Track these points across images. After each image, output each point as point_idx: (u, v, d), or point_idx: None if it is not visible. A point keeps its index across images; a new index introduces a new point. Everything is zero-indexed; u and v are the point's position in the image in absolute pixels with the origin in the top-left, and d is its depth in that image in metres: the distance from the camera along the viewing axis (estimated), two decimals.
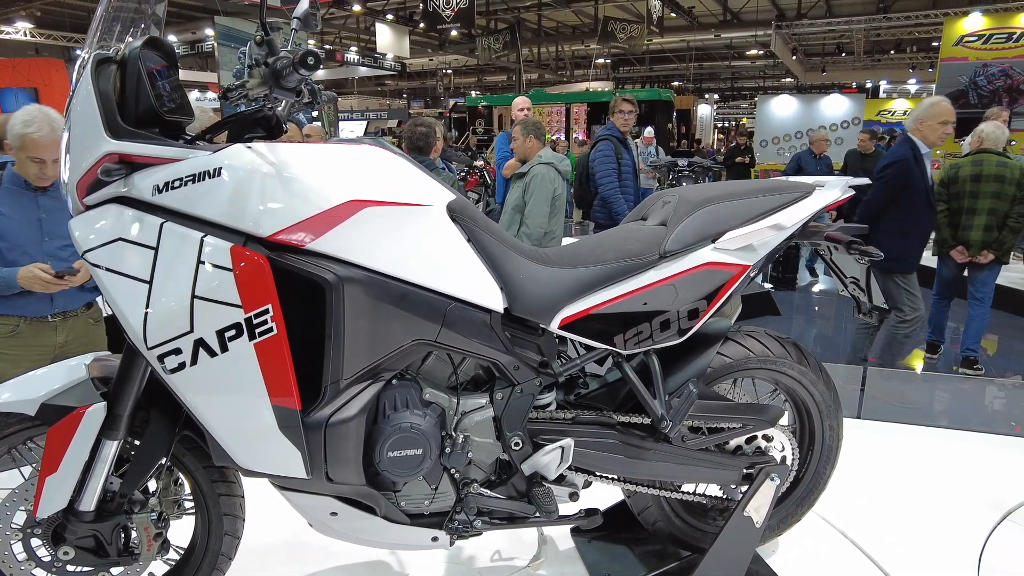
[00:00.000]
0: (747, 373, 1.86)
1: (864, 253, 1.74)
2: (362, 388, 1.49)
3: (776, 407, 1.83)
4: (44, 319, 2.56)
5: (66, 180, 1.37)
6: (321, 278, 1.37)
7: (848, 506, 2.34)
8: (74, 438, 1.46)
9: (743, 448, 1.87)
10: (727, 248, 1.63)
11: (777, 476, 1.79)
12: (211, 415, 1.38)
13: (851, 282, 1.92)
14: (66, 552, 1.55)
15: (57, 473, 1.48)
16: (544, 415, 1.69)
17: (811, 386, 1.89)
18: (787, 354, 1.84)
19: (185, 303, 1.30)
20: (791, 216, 1.65)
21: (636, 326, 1.65)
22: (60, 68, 11.99)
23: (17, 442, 1.57)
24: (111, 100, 1.33)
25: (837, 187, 1.72)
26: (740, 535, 1.81)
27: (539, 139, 4.27)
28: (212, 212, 1.32)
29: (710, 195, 1.69)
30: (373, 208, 1.42)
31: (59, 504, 1.51)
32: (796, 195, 1.68)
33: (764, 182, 1.77)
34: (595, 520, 1.81)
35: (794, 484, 1.99)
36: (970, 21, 11.78)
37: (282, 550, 2.07)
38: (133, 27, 1.51)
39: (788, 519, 2.00)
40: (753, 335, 1.86)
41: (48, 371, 1.55)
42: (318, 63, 1.29)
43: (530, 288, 1.60)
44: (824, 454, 1.96)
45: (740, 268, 1.65)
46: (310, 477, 1.45)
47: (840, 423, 1.95)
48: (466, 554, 2.06)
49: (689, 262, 1.63)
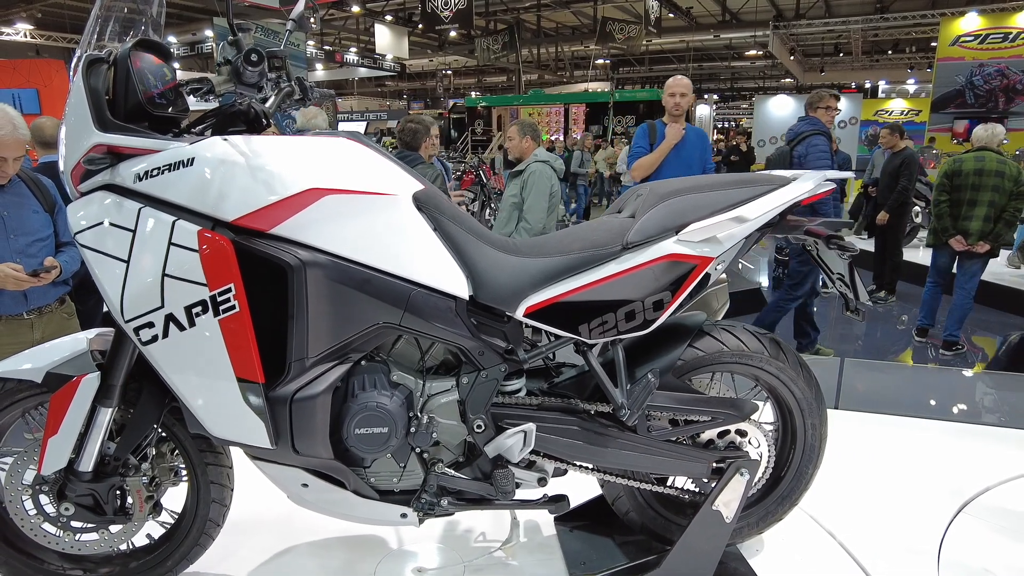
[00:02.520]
0: (722, 367, 1.86)
1: (842, 248, 1.71)
2: (329, 367, 1.58)
3: (749, 402, 1.81)
4: (19, 317, 2.57)
5: (63, 169, 1.52)
6: (283, 261, 1.46)
7: (824, 496, 2.29)
8: (71, 404, 1.62)
9: (715, 442, 1.86)
10: (689, 240, 1.64)
11: (747, 471, 1.78)
12: (183, 385, 1.50)
13: (837, 278, 1.88)
14: (67, 508, 1.71)
15: (58, 435, 1.63)
16: (510, 400, 1.74)
17: (790, 383, 1.86)
18: (764, 349, 1.83)
19: (157, 280, 1.42)
20: (756, 209, 1.64)
21: (601, 316, 1.67)
22: (60, 69, 12.02)
23: (29, 406, 1.74)
24: (100, 97, 1.47)
25: (811, 180, 1.70)
26: (709, 529, 1.81)
27: (535, 139, 4.42)
28: (183, 198, 1.44)
29: (676, 187, 1.70)
30: (335, 196, 1.50)
31: (59, 463, 1.66)
32: (765, 188, 1.67)
33: (737, 176, 1.77)
34: (563, 506, 1.84)
35: (775, 482, 1.97)
36: (966, 21, 11.77)
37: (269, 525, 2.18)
38: (133, 28, 1.65)
39: (768, 517, 1.97)
40: (729, 329, 1.85)
41: (54, 344, 1.71)
42: (261, 60, 1.39)
43: (495, 276, 1.65)
44: (807, 453, 1.93)
45: (703, 260, 1.65)
46: (275, 448, 1.55)
47: (823, 422, 1.92)
48: (443, 535, 2.12)
49: (651, 254, 1.64)
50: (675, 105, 4.18)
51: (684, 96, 4.19)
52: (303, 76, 1.86)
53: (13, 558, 1.80)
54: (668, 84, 4.25)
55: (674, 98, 4.20)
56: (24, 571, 1.80)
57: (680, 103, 4.19)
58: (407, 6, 18.30)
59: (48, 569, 1.82)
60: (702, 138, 4.33)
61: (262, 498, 1.95)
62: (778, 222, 1.73)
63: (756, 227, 1.66)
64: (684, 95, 4.19)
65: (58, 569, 1.83)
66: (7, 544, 1.81)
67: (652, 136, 4.25)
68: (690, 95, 4.22)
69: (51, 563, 1.83)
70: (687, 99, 4.21)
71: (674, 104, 4.19)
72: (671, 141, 4.11)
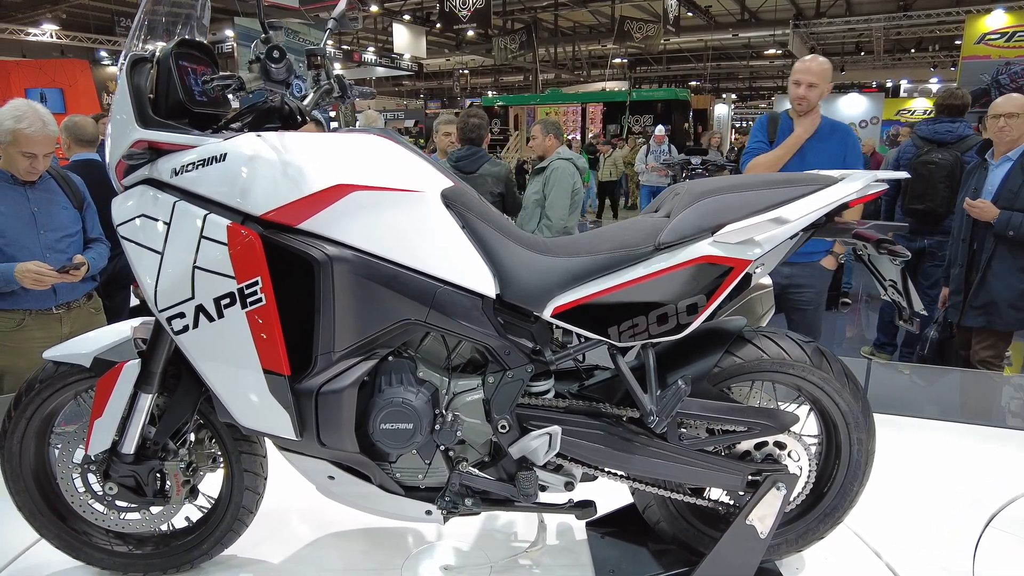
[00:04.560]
0: (762, 376, 1.77)
1: (893, 253, 1.60)
2: (355, 362, 1.59)
3: (788, 413, 1.72)
4: (48, 311, 2.62)
5: (108, 163, 1.58)
6: (311, 256, 1.48)
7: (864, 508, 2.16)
8: (115, 389, 1.69)
9: (752, 454, 1.78)
10: (726, 242, 1.57)
11: (785, 485, 1.70)
12: (212, 374, 1.54)
13: (889, 285, 1.76)
14: (111, 488, 1.79)
15: (102, 418, 1.71)
16: (536, 402, 1.71)
17: (835, 394, 1.76)
18: (806, 358, 1.73)
19: (188, 272, 1.47)
20: (798, 210, 1.55)
21: (631, 318, 1.63)
22: (85, 69, 12.22)
23: (80, 389, 1.83)
24: (143, 94, 1.53)
25: (860, 180, 1.59)
26: (742, 544, 1.73)
27: (558, 138, 4.36)
28: (214, 192, 1.48)
29: (715, 186, 1.63)
30: (362, 192, 1.51)
31: (104, 444, 1.74)
32: (809, 188, 1.59)
33: (779, 175, 1.69)
34: (590, 512, 1.80)
35: (817, 498, 1.86)
36: (992, 19, 11.19)
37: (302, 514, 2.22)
38: (181, 27, 1.71)
39: (809, 535, 1.87)
40: (770, 336, 1.76)
41: (101, 331, 1.80)
42: (283, 57, 1.41)
43: (523, 275, 1.63)
44: (852, 469, 1.82)
45: (740, 263, 1.58)
46: (300, 439, 1.58)
47: (871, 436, 1.80)
48: (471, 534, 2.11)
49: (685, 255, 1.58)
50: (800, 99, 3.12)
51: (813, 87, 3.08)
52: (342, 74, 1.88)
53: (64, 532, 1.90)
54: (795, 69, 3.17)
55: (799, 88, 3.11)
56: (73, 544, 1.90)
57: (808, 96, 3.09)
58: (425, 5, 18.43)
59: (95, 544, 1.91)
60: (843, 136, 3.25)
61: (295, 488, 1.98)
62: (824, 224, 1.64)
63: (798, 229, 1.57)
64: (813, 85, 3.08)
65: (104, 544, 1.92)
66: (59, 518, 1.91)
67: (773, 130, 3.29)
68: (823, 85, 3.10)
69: (98, 538, 1.92)
70: (817, 91, 3.10)
71: (799, 98, 3.12)
72: (800, 137, 3.13)
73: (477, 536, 2.11)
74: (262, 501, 1.92)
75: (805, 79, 3.10)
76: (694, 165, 8.86)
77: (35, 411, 1.81)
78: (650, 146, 11.32)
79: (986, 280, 3.36)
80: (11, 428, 1.82)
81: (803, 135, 3.12)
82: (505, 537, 2.11)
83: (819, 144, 3.15)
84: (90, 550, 1.90)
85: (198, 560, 1.91)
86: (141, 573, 1.91)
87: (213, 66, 1.71)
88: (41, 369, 1.81)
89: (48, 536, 1.90)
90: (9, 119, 2.42)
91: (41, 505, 1.88)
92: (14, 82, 11.76)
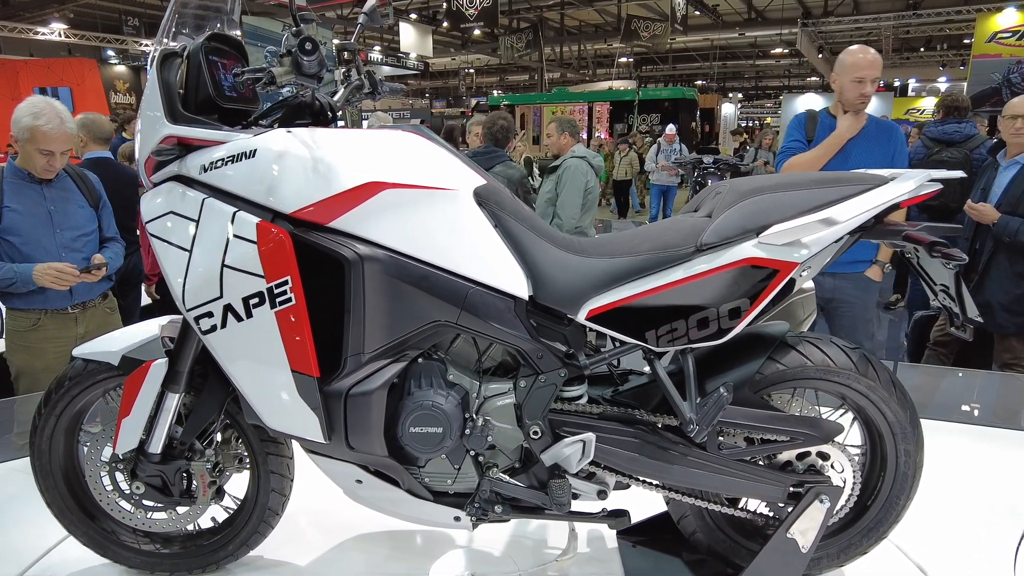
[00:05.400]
0: (805, 384, 1.70)
1: (948, 256, 1.52)
2: (385, 363, 1.55)
3: (833, 423, 1.65)
4: (64, 311, 2.61)
5: (138, 159, 1.56)
6: (341, 255, 1.44)
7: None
8: (142, 388, 1.67)
9: (793, 465, 1.71)
10: (771, 243, 1.50)
11: (828, 498, 1.63)
12: (239, 375, 1.51)
13: (941, 290, 1.68)
14: (138, 487, 1.77)
15: (130, 416, 1.70)
16: (569, 407, 1.66)
17: (881, 403, 1.68)
18: (852, 365, 1.66)
19: (216, 271, 1.44)
20: (847, 211, 1.48)
21: (670, 322, 1.56)
22: (92, 68, 12.32)
23: (109, 387, 1.82)
24: (173, 90, 1.50)
25: (913, 180, 1.51)
26: (783, 557, 1.66)
27: (573, 136, 4.30)
28: (243, 189, 1.45)
29: (759, 185, 1.56)
30: (393, 190, 1.47)
31: (131, 444, 1.73)
32: (858, 188, 1.51)
33: (827, 174, 1.61)
34: (623, 521, 1.75)
35: (860, 511, 1.79)
36: (1004, 17, 11.15)
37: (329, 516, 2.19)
38: (209, 23, 1.68)
39: (851, 549, 1.80)
40: (814, 342, 1.69)
41: (129, 330, 1.78)
42: (315, 49, 1.37)
43: (557, 276, 1.58)
44: (898, 482, 1.74)
45: (785, 266, 1.51)
46: (328, 442, 1.55)
47: (919, 448, 1.72)
48: (500, 540, 2.07)
49: (727, 257, 1.51)
50: (861, 97, 2.86)
51: (875, 82, 2.87)
52: (373, 70, 1.85)
53: (92, 529, 1.89)
54: (853, 64, 2.85)
55: (863, 85, 2.84)
56: (101, 542, 1.89)
57: (871, 93, 2.85)
58: (431, 4, 18.46)
59: (122, 542, 1.90)
60: (891, 134, 2.98)
61: (322, 490, 1.96)
62: (873, 226, 1.56)
63: (847, 231, 1.50)
64: (875, 80, 2.86)
65: (132, 543, 1.91)
66: (88, 516, 1.90)
67: (812, 128, 3.06)
68: (879, 78, 2.93)
69: (125, 537, 1.91)
70: (875, 85, 2.88)
71: (863, 96, 2.85)
72: (843, 135, 2.87)
73: (505, 542, 2.06)
74: (288, 503, 1.89)
75: (867, 74, 2.83)
76: (706, 164, 8.77)
77: (64, 408, 1.81)
78: (660, 145, 11.18)
79: (983, 282, 3.33)
80: (41, 425, 1.82)
81: (845, 134, 2.89)
82: (534, 544, 2.06)
83: (865, 143, 2.92)
84: (117, 548, 1.89)
85: (224, 561, 1.89)
86: (167, 572, 1.89)
87: (243, 61, 1.68)
88: (71, 366, 1.80)
89: (76, 533, 1.89)
90: (27, 116, 2.39)
91: (70, 502, 1.87)
92: (22, 81, 11.91)
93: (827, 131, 2.97)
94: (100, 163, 3.49)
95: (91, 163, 3.45)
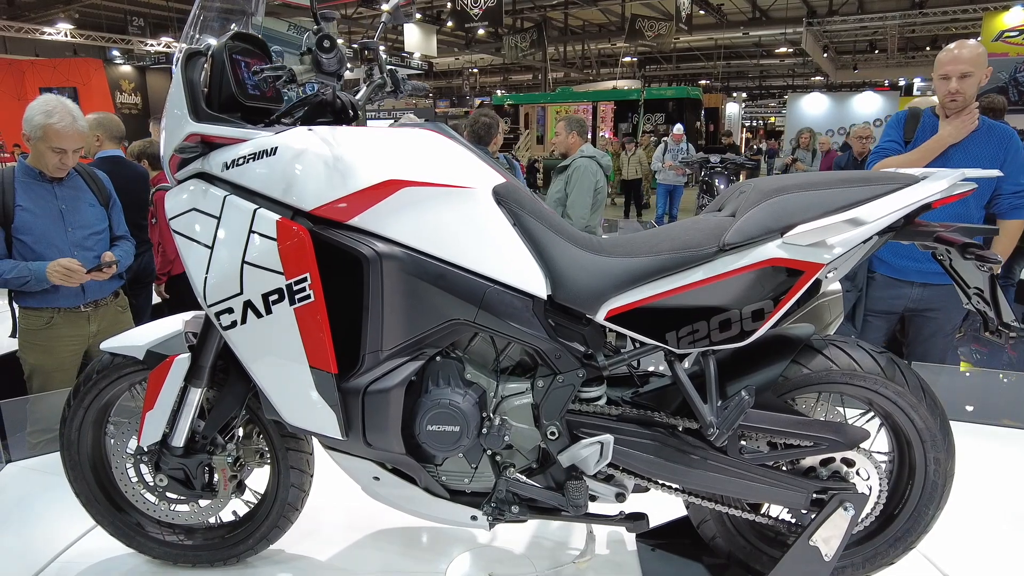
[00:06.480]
0: (830, 388, 1.66)
1: (982, 259, 1.47)
2: (403, 361, 1.55)
3: (859, 428, 1.61)
4: (77, 309, 2.61)
5: (162, 156, 1.59)
6: (359, 253, 1.45)
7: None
8: (165, 382, 1.70)
9: (817, 470, 1.67)
10: (796, 243, 1.46)
11: (852, 506, 1.59)
12: (259, 371, 1.53)
13: (975, 294, 1.62)
14: (161, 479, 1.81)
15: (154, 410, 1.73)
16: (588, 408, 1.64)
17: (910, 409, 1.63)
18: (879, 370, 1.61)
19: (236, 267, 1.45)
20: (876, 211, 1.44)
21: (691, 324, 1.54)
22: (98, 68, 12.31)
23: (135, 381, 1.85)
24: (197, 88, 1.52)
25: (946, 179, 1.47)
26: (805, 566, 1.63)
27: (581, 135, 4.27)
28: (264, 186, 1.46)
29: (784, 184, 1.53)
30: (413, 188, 1.47)
31: (155, 437, 1.76)
32: (887, 187, 1.47)
33: (856, 172, 1.57)
34: (641, 525, 1.73)
35: (887, 520, 1.74)
36: (1011, 16, 10.99)
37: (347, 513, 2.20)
38: (235, 22, 1.70)
39: (877, 559, 1.75)
40: (840, 345, 1.65)
41: (153, 325, 1.81)
42: (333, 46, 1.37)
43: (576, 276, 1.56)
44: (927, 490, 1.69)
45: (811, 267, 1.47)
46: (346, 439, 1.55)
47: (950, 456, 1.67)
48: (518, 540, 2.06)
49: (751, 257, 1.48)
50: (951, 94, 2.56)
51: (968, 77, 2.52)
52: (395, 69, 1.85)
53: (118, 519, 1.93)
54: (940, 61, 2.61)
55: (949, 82, 2.55)
56: (127, 532, 1.93)
57: (963, 90, 2.54)
58: (435, 4, 18.44)
59: (146, 532, 1.94)
60: (1003, 139, 2.61)
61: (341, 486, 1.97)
62: (903, 226, 1.52)
63: (875, 231, 1.45)
64: (967, 75, 2.52)
65: (156, 534, 1.94)
66: (114, 507, 1.94)
67: (912, 128, 2.73)
68: (979, 72, 2.53)
69: (150, 527, 1.95)
70: (973, 80, 2.54)
71: (950, 93, 2.56)
72: (944, 140, 2.57)
73: (523, 543, 2.05)
74: (308, 498, 1.91)
75: (955, 69, 2.53)
76: (713, 163, 8.68)
77: (92, 400, 1.85)
78: (667, 144, 11.06)
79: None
80: (70, 416, 1.86)
81: (947, 139, 2.58)
82: (553, 545, 2.05)
83: (973, 148, 2.60)
84: (142, 539, 1.93)
85: (244, 554, 1.91)
86: (189, 564, 1.92)
87: (267, 59, 1.70)
88: (98, 360, 1.84)
89: (103, 523, 1.93)
90: (39, 114, 2.39)
91: (97, 493, 1.92)
92: (28, 81, 12.03)
93: (929, 132, 2.67)
94: (111, 161, 3.50)
95: (102, 161, 3.47)
